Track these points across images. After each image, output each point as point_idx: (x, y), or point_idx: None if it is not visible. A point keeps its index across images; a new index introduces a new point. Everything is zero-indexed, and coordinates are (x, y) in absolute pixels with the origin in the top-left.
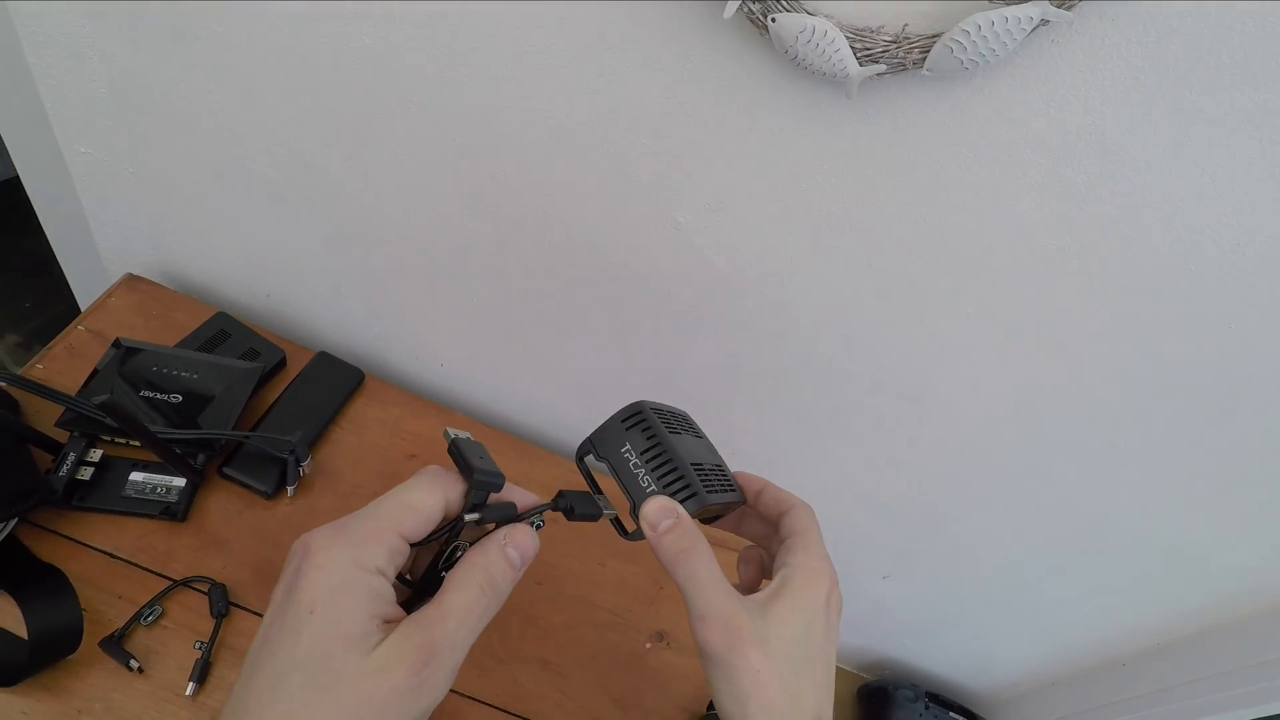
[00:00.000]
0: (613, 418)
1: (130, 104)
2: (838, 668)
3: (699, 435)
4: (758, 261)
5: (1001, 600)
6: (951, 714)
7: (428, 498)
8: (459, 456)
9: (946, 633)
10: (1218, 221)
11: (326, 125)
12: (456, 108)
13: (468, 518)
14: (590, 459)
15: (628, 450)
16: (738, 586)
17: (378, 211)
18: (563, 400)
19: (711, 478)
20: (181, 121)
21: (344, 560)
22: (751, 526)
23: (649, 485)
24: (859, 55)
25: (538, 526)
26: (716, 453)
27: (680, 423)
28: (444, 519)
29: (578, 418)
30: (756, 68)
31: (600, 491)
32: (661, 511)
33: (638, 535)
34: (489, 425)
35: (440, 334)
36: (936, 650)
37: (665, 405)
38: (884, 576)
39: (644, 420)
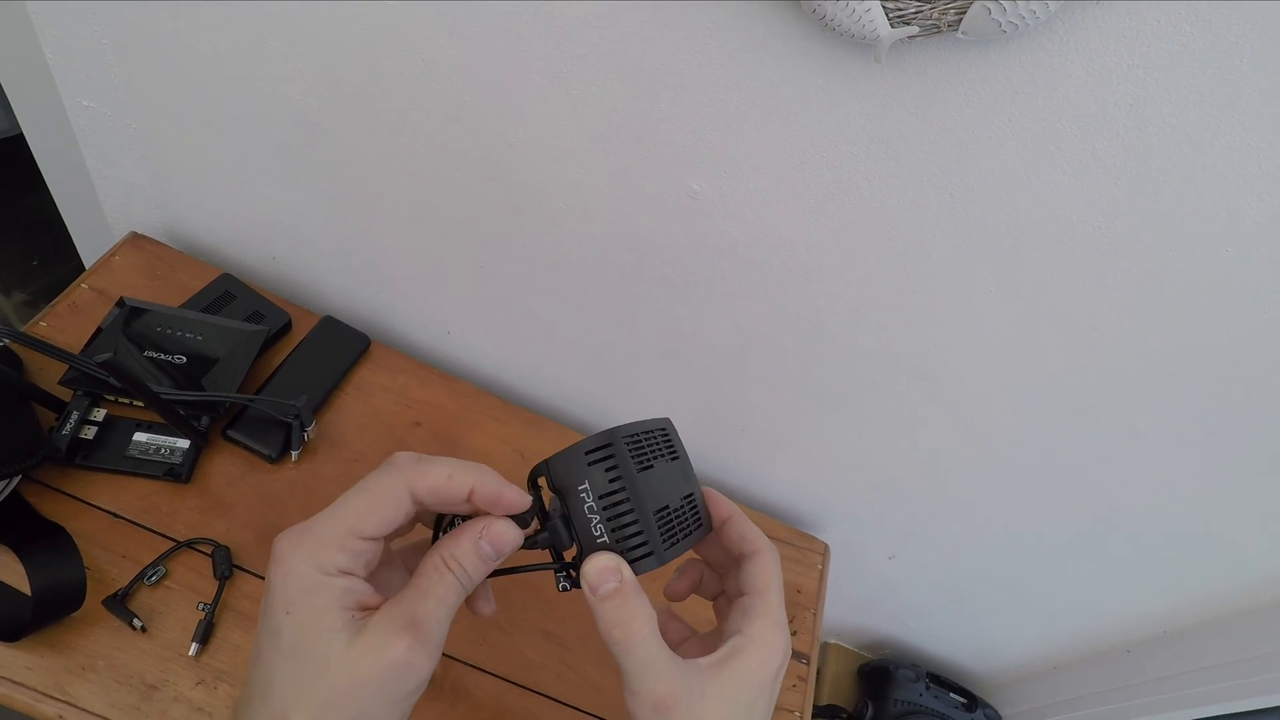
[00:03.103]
0: (577, 446)
1: (134, 57)
2: (840, 646)
3: (674, 455)
4: (773, 232)
5: (1007, 584)
6: (952, 695)
7: (382, 498)
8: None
9: (950, 614)
10: (1258, 199)
11: (333, 82)
12: (468, 67)
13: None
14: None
15: (585, 490)
16: (668, 595)
17: (385, 173)
18: (570, 372)
19: (676, 521)
20: (186, 77)
21: (306, 567)
22: (710, 551)
23: (601, 535)
24: (890, 16)
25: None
26: (691, 475)
27: (655, 447)
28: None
29: (585, 390)
30: (782, 29)
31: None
32: (602, 574)
33: (576, 585)
34: (496, 395)
35: (448, 301)
36: (939, 631)
37: (642, 426)
38: (890, 557)
39: (611, 458)
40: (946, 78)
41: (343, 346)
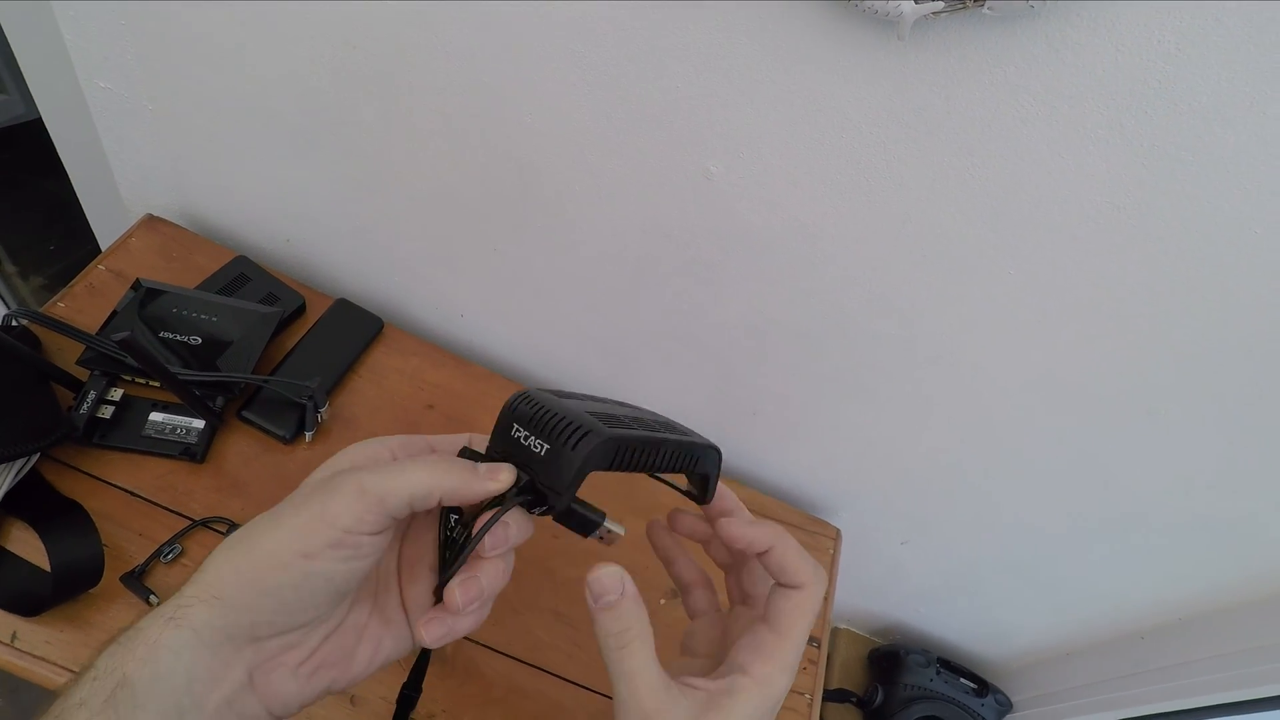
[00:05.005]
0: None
1: (150, 38)
2: (850, 631)
3: (659, 419)
4: (791, 215)
5: (1020, 570)
6: (963, 680)
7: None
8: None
9: (962, 600)
10: None
11: (349, 63)
12: (484, 47)
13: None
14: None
15: (516, 429)
16: (670, 523)
17: (400, 155)
18: (584, 355)
19: (620, 420)
20: (201, 57)
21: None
22: (719, 552)
23: (541, 449)
24: None
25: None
26: (662, 417)
27: (611, 402)
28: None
29: (599, 374)
30: (802, 6)
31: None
32: (605, 584)
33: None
34: (509, 379)
35: (461, 284)
36: (950, 617)
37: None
38: (902, 542)
39: (526, 395)
40: (970, 55)
41: (356, 329)
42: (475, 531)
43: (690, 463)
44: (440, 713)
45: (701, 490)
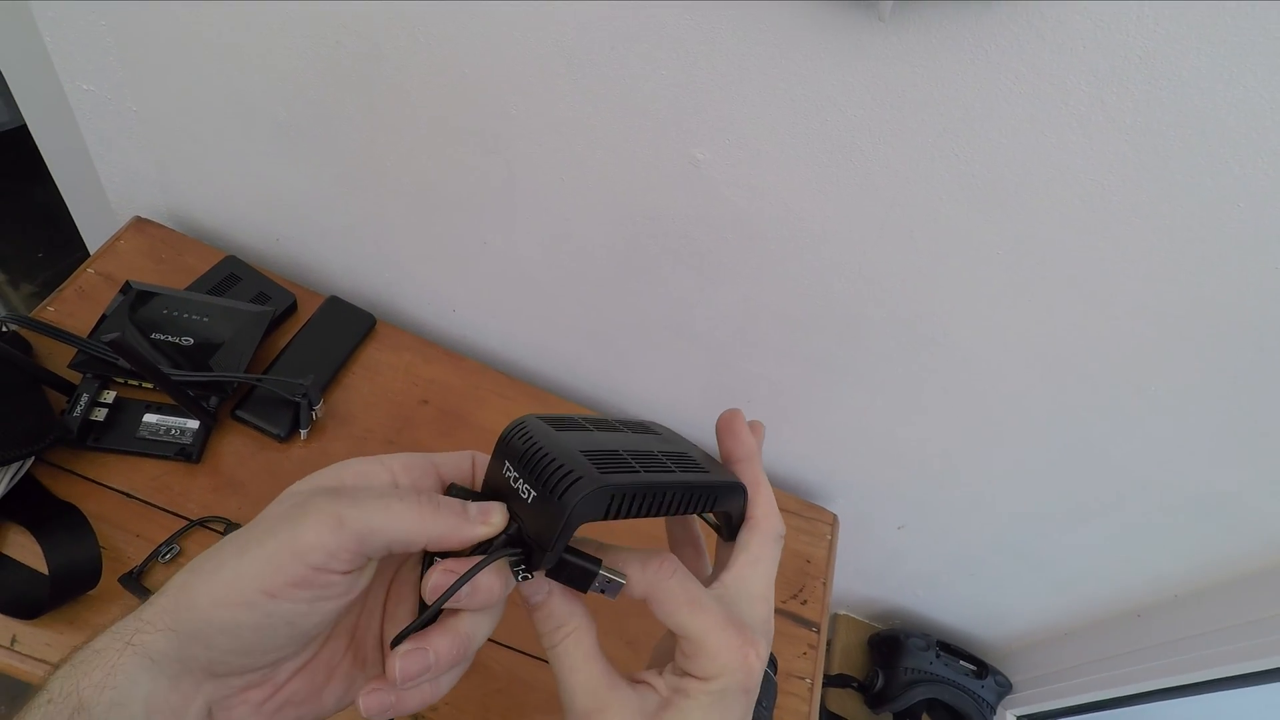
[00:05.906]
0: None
1: (131, 38)
2: (850, 617)
3: (653, 433)
4: (778, 200)
5: (1017, 551)
6: (962, 662)
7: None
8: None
9: (960, 583)
10: (1271, 152)
11: (331, 59)
12: (466, 39)
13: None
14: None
15: (508, 468)
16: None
17: (386, 150)
18: (576, 347)
19: (620, 460)
20: (184, 57)
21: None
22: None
23: (528, 495)
24: None
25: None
26: (683, 444)
27: (584, 421)
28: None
29: (591, 364)
30: None
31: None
32: (531, 586)
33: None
34: (502, 372)
35: (452, 278)
36: (949, 600)
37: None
38: (899, 526)
39: (523, 427)
40: (951, 35)
41: (348, 326)
42: (430, 586)
43: (708, 503)
44: (443, 705)
45: (725, 525)
